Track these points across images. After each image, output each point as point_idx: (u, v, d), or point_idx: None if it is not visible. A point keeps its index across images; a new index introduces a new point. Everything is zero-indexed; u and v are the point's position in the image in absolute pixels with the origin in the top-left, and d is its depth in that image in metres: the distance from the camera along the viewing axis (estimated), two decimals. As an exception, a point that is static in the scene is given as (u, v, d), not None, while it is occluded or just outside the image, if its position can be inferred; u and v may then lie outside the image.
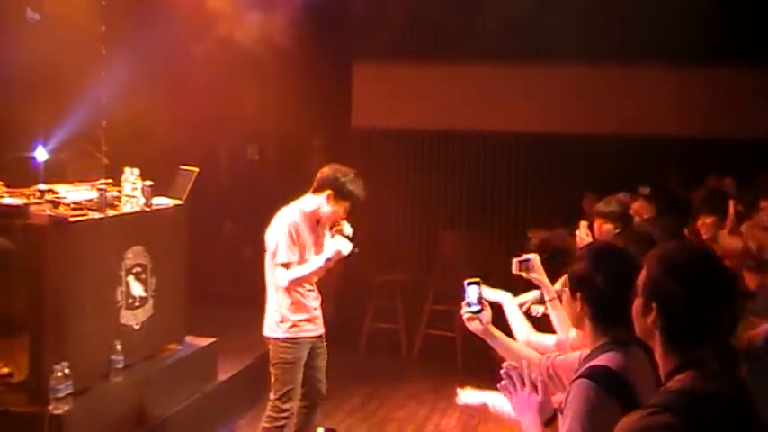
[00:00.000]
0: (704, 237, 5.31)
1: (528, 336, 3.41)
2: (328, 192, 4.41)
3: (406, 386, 6.66)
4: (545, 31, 7.70)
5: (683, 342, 1.86)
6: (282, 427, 4.42)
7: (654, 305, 1.88)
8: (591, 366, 2.30)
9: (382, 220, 8.33)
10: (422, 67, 8.23)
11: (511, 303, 3.50)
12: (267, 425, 4.43)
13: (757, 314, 4.09)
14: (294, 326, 4.46)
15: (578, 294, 2.42)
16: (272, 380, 4.47)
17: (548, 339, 3.44)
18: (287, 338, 4.45)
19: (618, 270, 2.36)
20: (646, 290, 1.91)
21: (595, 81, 7.89)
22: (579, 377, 2.29)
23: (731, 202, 5.54)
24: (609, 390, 2.21)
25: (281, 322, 4.46)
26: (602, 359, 2.31)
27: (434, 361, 7.24)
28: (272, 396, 4.45)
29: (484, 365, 5.91)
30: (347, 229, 4.47)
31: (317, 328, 4.58)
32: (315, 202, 4.46)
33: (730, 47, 7.40)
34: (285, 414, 4.40)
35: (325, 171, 4.46)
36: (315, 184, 4.46)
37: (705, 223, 5.42)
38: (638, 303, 1.94)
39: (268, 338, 4.50)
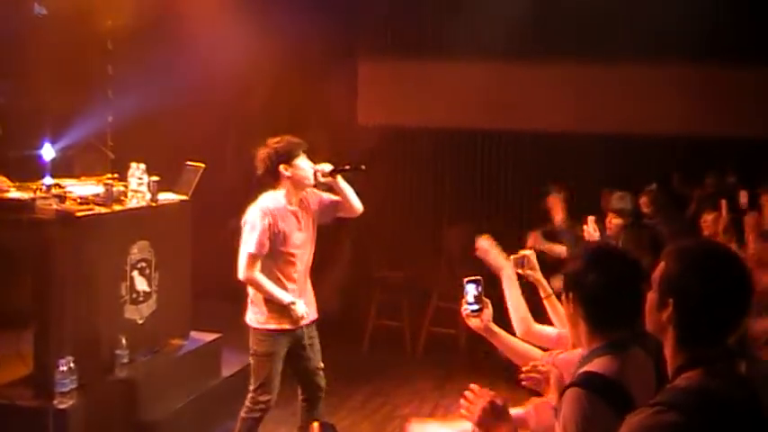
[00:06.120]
0: (706, 233, 5.34)
1: (528, 325, 3.38)
2: (281, 168, 4.30)
3: (410, 384, 6.65)
4: (549, 31, 7.71)
5: (697, 339, 1.85)
6: (258, 419, 4.41)
7: (670, 301, 1.87)
8: (583, 373, 2.28)
9: (387, 216, 8.33)
10: (428, 65, 8.22)
11: (511, 278, 3.35)
12: (244, 415, 4.43)
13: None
14: (269, 319, 4.36)
15: (570, 294, 2.39)
16: (251, 370, 4.45)
17: (548, 330, 3.43)
18: (261, 330, 4.38)
19: (611, 270, 2.32)
20: (662, 285, 1.89)
21: (600, 80, 7.88)
22: (571, 385, 2.26)
23: (723, 203, 5.57)
24: (602, 398, 2.18)
25: (257, 313, 4.39)
26: (596, 365, 2.27)
27: (438, 358, 7.23)
28: (250, 387, 4.43)
29: (488, 363, 5.94)
30: (327, 167, 4.39)
31: (296, 324, 4.40)
32: (282, 190, 4.35)
33: (737, 45, 7.40)
34: (261, 406, 4.38)
35: (259, 162, 4.36)
36: (269, 179, 4.36)
37: (707, 220, 5.46)
38: (652, 298, 1.93)
39: (247, 326, 4.45)
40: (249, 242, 4.28)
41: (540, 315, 3.54)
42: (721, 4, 7.26)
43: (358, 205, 4.53)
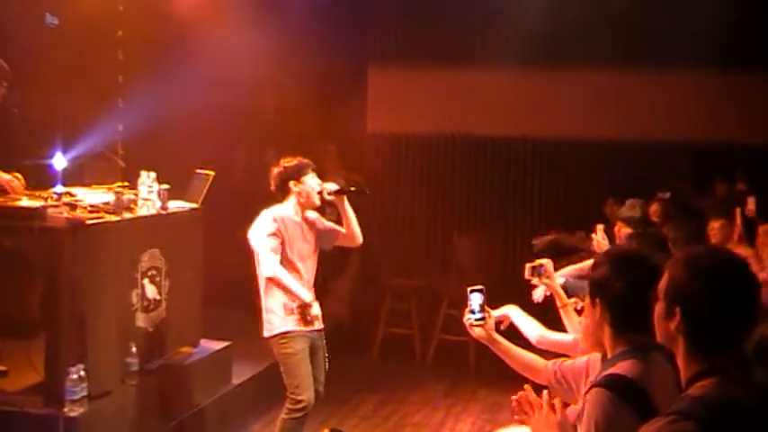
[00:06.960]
0: (713, 240, 5.30)
1: (542, 333, 3.40)
2: (290, 184, 4.61)
3: (420, 391, 6.64)
4: (562, 37, 7.69)
5: (707, 348, 1.83)
6: (299, 419, 4.50)
7: (677, 309, 1.85)
8: (607, 375, 2.29)
9: (397, 224, 8.33)
10: (438, 72, 8.22)
11: (517, 313, 3.48)
12: (285, 416, 4.54)
13: None
14: (285, 320, 4.55)
15: (597, 300, 2.41)
16: (284, 377, 4.57)
17: (564, 337, 3.42)
18: (282, 333, 4.54)
19: (638, 276, 2.35)
20: (669, 294, 1.88)
21: (611, 87, 7.86)
22: (595, 386, 2.28)
23: (737, 210, 5.52)
24: (625, 399, 2.19)
25: (273, 320, 4.56)
26: (620, 367, 2.29)
27: (448, 366, 7.21)
28: (288, 393, 4.55)
29: (498, 371, 5.91)
30: (333, 186, 4.70)
31: (310, 325, 4.63)
32: (290, 202, 4.64)
33: (747, 52, 7.37)
34: (300, 405, 4.48)
35: (272, 179, 4.67)
36: (278, 193, 4.67)
37: (714, 227, 5.42)
38: (660, 308, 1.91)
39: (268, 340, 4.61)
40: (263, 243, 4.52)
41: (554, 321, 3.53)
42: (732, 13, 7.23)
43: (358, 234, 4.78)
